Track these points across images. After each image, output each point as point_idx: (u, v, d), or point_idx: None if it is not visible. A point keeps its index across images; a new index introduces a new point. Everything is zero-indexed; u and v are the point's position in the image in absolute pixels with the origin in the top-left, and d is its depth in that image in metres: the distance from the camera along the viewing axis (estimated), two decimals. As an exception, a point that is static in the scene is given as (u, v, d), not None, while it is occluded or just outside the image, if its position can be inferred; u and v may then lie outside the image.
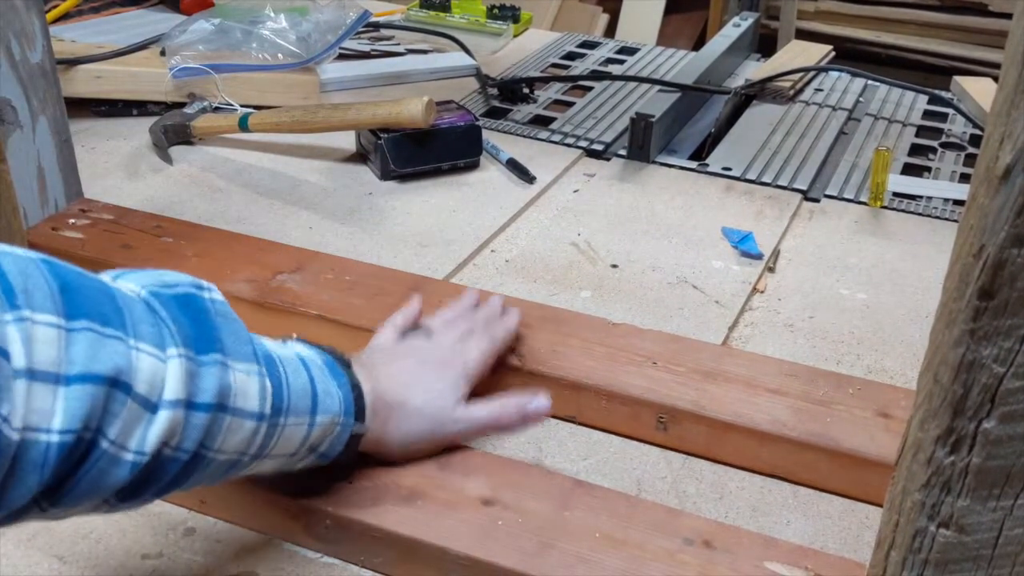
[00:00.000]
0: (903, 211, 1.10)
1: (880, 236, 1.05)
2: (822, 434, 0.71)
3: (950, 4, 2.78)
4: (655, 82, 1.33)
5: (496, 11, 1.63)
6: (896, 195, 1.13)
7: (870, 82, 1.44)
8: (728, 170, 1.17)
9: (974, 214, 0.36)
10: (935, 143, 1.28)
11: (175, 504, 0.69)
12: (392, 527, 0.63)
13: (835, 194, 1.13)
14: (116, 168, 1.14)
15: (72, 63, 1.21)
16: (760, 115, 1.33)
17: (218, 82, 1.24)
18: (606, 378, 0.76)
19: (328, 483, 0.66)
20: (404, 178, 1.13)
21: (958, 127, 1.32)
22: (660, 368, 0.77)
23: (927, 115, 1.35)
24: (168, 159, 1.15)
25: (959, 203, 1.12)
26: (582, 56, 1.54)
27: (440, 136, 1.12)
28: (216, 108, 1.23)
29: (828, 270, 0.98)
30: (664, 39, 2.87)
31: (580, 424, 0.77)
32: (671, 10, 2.96)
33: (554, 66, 1.50)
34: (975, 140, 1.28)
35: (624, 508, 0.65)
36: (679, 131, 1.28)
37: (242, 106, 1.24)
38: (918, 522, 0.42)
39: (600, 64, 1.51)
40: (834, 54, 1.50)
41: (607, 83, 1.41)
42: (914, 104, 1.38)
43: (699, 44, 2.30)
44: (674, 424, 0.74)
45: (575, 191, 1.12)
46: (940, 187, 1.15)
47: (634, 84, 1.40)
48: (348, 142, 1.20)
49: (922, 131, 1.31)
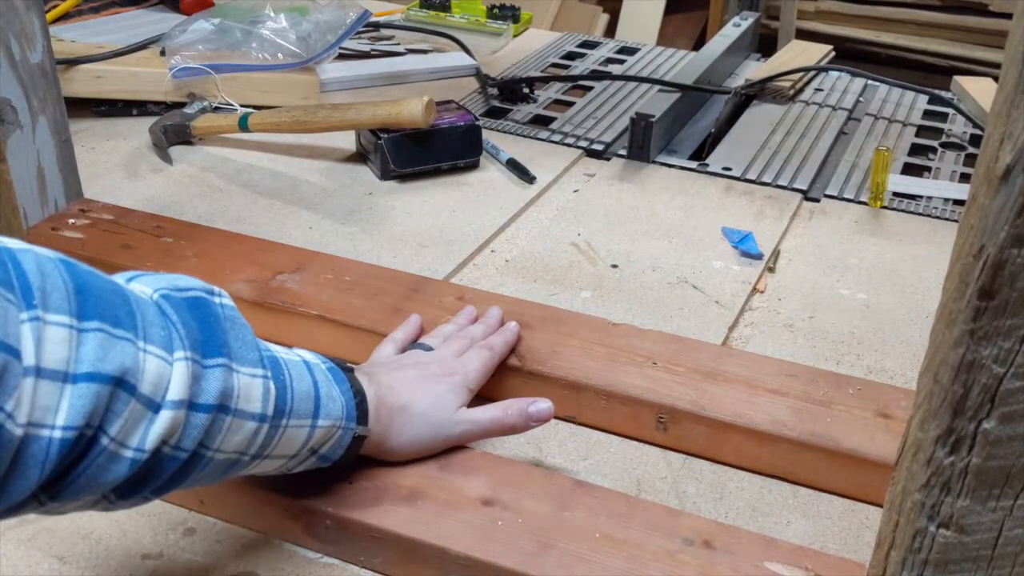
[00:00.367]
0: (903, 211, 1.10)
1: (880, 236, 1.05)
2: (822, 434, 0.71)
3: (950, 4, 2.78)
4: (655, 82, 1.33)
5: (496, 11, 1.63)
6: (896, 195, 1.13)
7: (870, 82, 1.44)
8: (728, 170, 1.17)
9: (974, 214, 0.36)
10: (935, 143, 1.28)
11: (175, 504, 0.69)
12: (392, 527, 0.63)
13: (835, 194, 1.13)
14: (116, 168, 1.14)
15: (72, 63, 1.21)
16: (760, 115, 1.33)
17: (218, 82, 1.24)
18: (606, 378, 0.76)
19: (328, 483, 0.66)
20: (404, 178, 1.13)
21: (958, 127, 1.32)
22: (660, 368, 0.77)
23: (927, 115, 1.35)
24: (168, 159, 1.15)
25: (959, 203, 1.12)
26: (582, 56, 1.54)
27: (440, 136, 1.12)
28: (216, 108, 1.23)
29: (828, 270, 0.98)
30: (664, 39, 2.87)
31: (580, 424, 0.77)
32: (671, 10, 2.96)
33: (554, 66, 1.50)
34: (975, 140, 1.28)
35: (624, 508, 0.65)
36: (679, 131, 1.28)
37: (242, 106, 1.24)
38: (918, 522, 0.42)
39: (600, 64, 1.51)
40: (834, 54, 1.50)
41: (607, 83, 1.41)
42: (914, 104, 1.38)
43: (699, 44, 2.30)
44: (674, 424, 0.74)
45: (575, 191, 1.12)
46: (940, 187, 1.15)
47: (634, 84, 1.40)
48: (348, 142, 1.20)
49: (922, 131, 1.31)
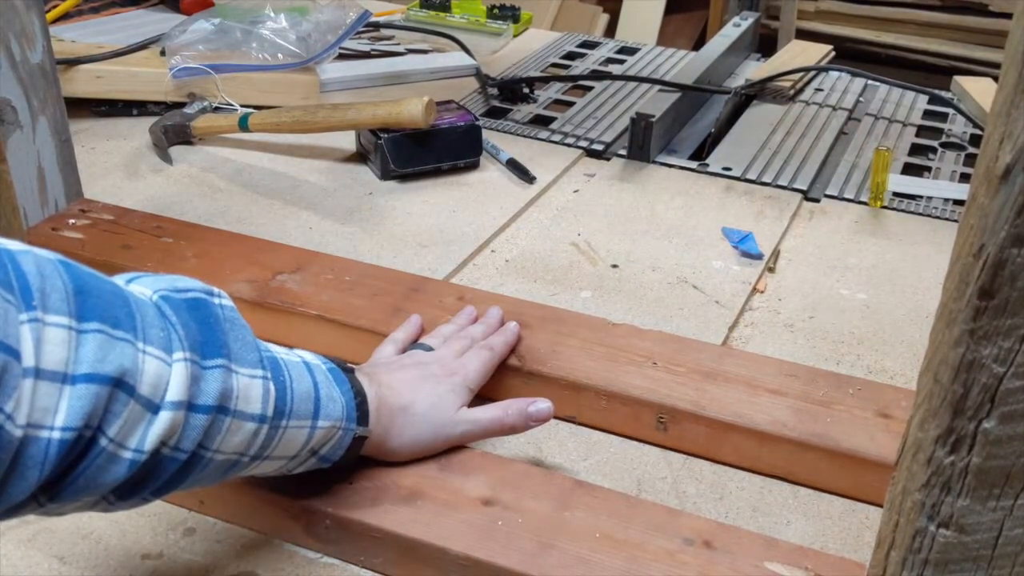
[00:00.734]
0: (903, 211, 1.10)
1: (880, 236, 1.05)
2: (822, 434, 0.71)
3: (950, 4, 2.78)
4: (655, 82, 1.33)
5: (496, 11, 1.63)
6: (896, 195, 1.13)
7: (870, 82, 1.44)
8: (728, 170, 1.17)
9: (974, 214, 0.36)
10: (935, 143, 1.27)
11: (175, 504, 0.69)
12: (392, 527, 0.63)
13: (835, 194, 1.13)
14: (116, 168, 1.14)
15: (72, 63, 1.21)
16: (760, 115, 1.33)
17: (218, 82, 1.24)
18: (606, 378, 0.76)
19: (328, 483, 0.66)
20: (404, 178, 1.13)
21: (958, 127, 1.32)
22: (660, 368, 0.77)
23: (927, 115, 1.35)
24: (168, 159, 1.15)
25: (959, 203, 1.12)
26: (582, 56, 1.54)
27: (440, 136, 1.12)
28: (216, 108, 1.23)
29: (828, 270, 0.98)
30: (664, 39, 2.87)
31: (580, 424, 0.77)
32: (671, 10, 2.96)
33: (554, 66, 1.50)
34: (975, 140, 1.28)
35: (624, 508, 0.65)
36: (679, 131, 1.28)
37: (242, 106, 1.24)
38: (918, 522, 0.42)
39: (600, 64, 1.51)
40: (834, 54, 1.51)
41: (607, 83, 1.41)
42: (914, 104, 1.38)
43: (699, 44, 2.30)
44: (674, 424, 0.74)
45: (575, 191, 1.12)
46: (940, 187, 1.15)
47: (634, 84, 1.40)
48: (348, 142, 1.20)
49: (922, 131, 1.31)
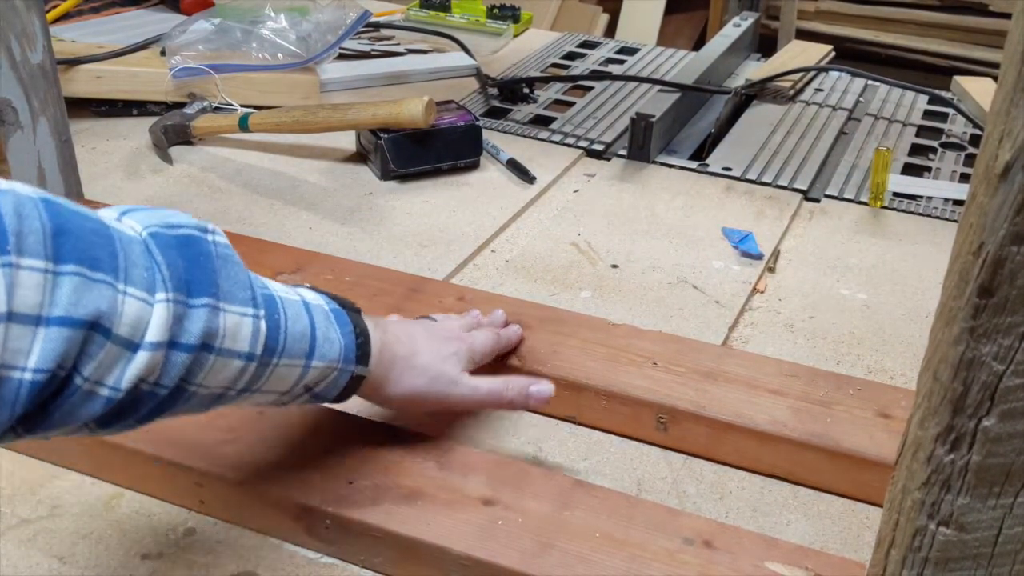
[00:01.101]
0: (903, 211, 1.10)
1: (880, 236, 1.05)
2: (822, 434, 0.71)
3: (950, 4, 2.78)
4: (655, 82, 1.33)
5: (496, 11, 1.63)
6: (896, 195, 1.13)
7: (870, 82, 1.44)
8: (728, 170, 1.17)
9: (974, 212, 0.36)
10: (935, 143, 1.28)
11: (175, 504, 0.69)
12: (392, 527, 0.63)
13: (835, 194, 1.13)
14: (116, 168, 1.14)
15: (72, 63, 1.21)
16: (760, 115, 1.33)
17: (218, 82, 1.24)
18: (606, 378, 0.76)
19: (328, 483, 0.66)
20: (404, 178, 1.13)
21: (958, 127, 1.32)
22: (660, 368, 0.77)
23: (927, 115, 1.35)
24: (168, 159, 1.15)
25: (959, 203, 1.12)
26: (582, 56, 1.54)
27: (440, 136, 1.12)
28: (216, 108, 1.23)
29: (828, 270, 0.98)
30: (664, 39, 2.87)
31: (580, 424, 0.77)
32: (671, 10, 2.96)
33: (554, 66, 1.50)
34: (975, 140, 1.28)
35: (624, 508, 0.65)
36: (679, 131, 1.28)
37: (242, 106, 1.24)
38: (918, 521, 0.42)
39: (600, 64, 1.51)
40: (834, 54, 1.51)
41: (607, 83, 1.41)
42: (914, 104, 1.38)
43: (699, 44, 2.30)
44: (674, 424, 0.74)
45: (575, 191, 1.12)
46: (940, 187, 1.15)
47: (634, 84, 1.40)
48: (348, 142, 1.20)
49: (922, 131, 1.31)
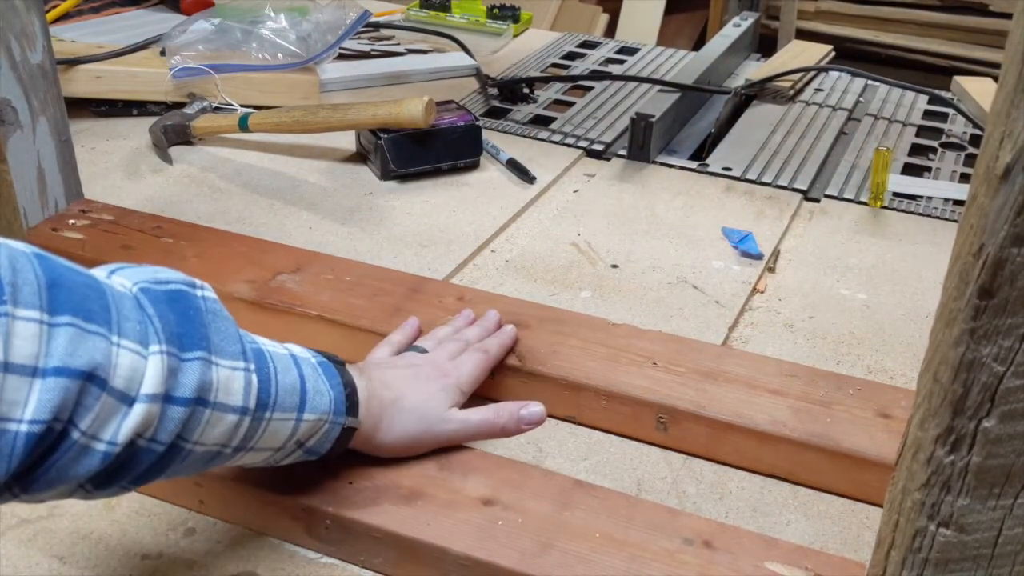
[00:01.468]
0: (903, 211, 1.10)
1: (880, 236, 1.05)
2: (822, 434, 0.71)
3: (950, 4, 2.78)
4: (655, 82, 1.33)
5: (496, 11, 1.63)
6: (896, 195, 1.13)
7: (870, 82, 1.44)
8: (728, 170, 1.17)
9: (974, 213, 0.36)
10: (935, 143, 1.27)
11: (175, 504, 0.69)
12: (392, 527, 0.63)
13: (835, 194, 1.13)
14: (116, 168, 1.14)
15: (72, 63, 1.21)
16: (760, 115, 1.33)
17: (218, 82, 1.24)
18: (606, 378, 0.76)
19: (328, 483, 0.66)
20: (404, 178, 1.13)
21: (958, 127, 1.32)
22: (660, 368, 0.77)
23: (927, 115, 1.35)
24: (168, 159, 1.15)
25: (959, 203, 1.12)
26: (582, 56, 1.54)
27: (440, 136, 1.12)
28: (216, 108, 1.23)
29: (828, 270, 0.98)
30: (664, 39, 2.87)
31: (580, 424, 0.77)
32: (671, 10, 2.95)
33: (554, 66, 1.50)
34: (975, 140, 1.28)
35: (624, 508, 0.65)
36: (679, 131, 1.28)
37: (242, 106, 1.24)
38: (918, 521, 0.42)
39: (600, 64, 1.51)
40: (834, 54, 1.51)
41: (607, 83, 1.41)
42: (914, 104, 1.38)
43: (699, 44, 2.30)
44: (674, 424, 0.74)
45: (575, 191, 1.12)
46: (940, 187, 1.15)
47: (634, 84, 1.40)
48: (348, 142, 1.20)
49: (922, 131, 1.31)
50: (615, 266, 0.97)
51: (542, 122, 1.30)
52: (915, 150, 1.26)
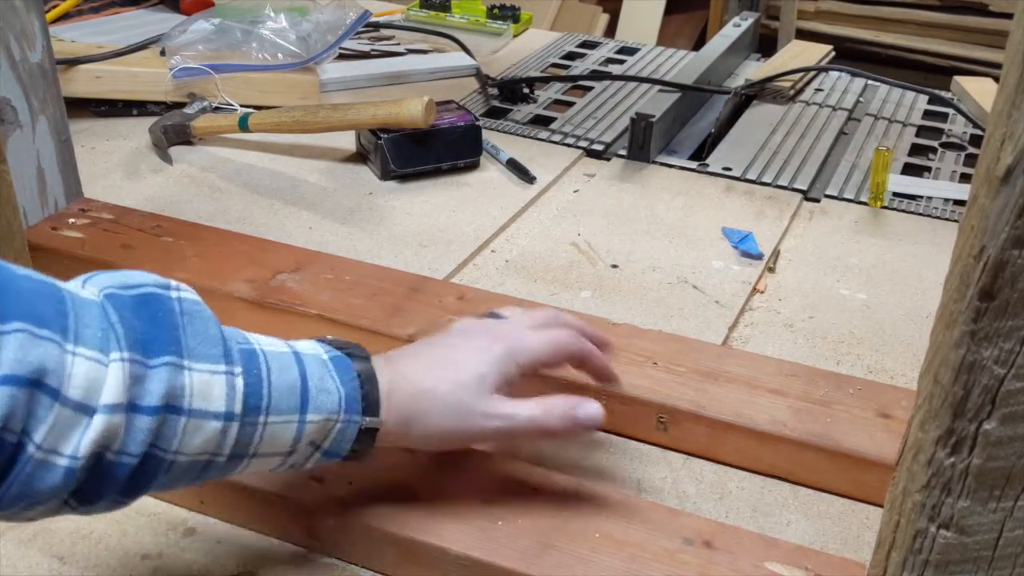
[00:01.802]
0: (903, 211, 1.10)
1: (880, 236, 1.05)
2: (822, 434, 0.71)
3: (950, 4, 2.78)
4: (655, 82, 1.33)
5: (496, 11, 1.63)
6: (896, 195, 1.13)
7: (870, 82, 1.44)
8: (728, 170, 1.17)
9: (975, 215, 0.36)
10: (935, 143, 1.27)
11: (175, 504, 0.69)
12: (392, 527, 0.63)
13: (835, 194, 1.13)
14: (116, 168, 1.14)
15: (72, 63, 1.21)
16: (760, 115, 1.33)
17: (218, 82, 1.24)
18: (606, 378, 0.76)
19: (328, 483, 0.66)
20: (404, 178, 1.13)
21: (958, 127, 1.32)
22: (660, 368, 0.77)
23: (927, 115, 1.35)
24: (168, 159, 1.15)
25: (959, 203, 1.12)
26: (582, 56, 1.54)
27: (440, 136, 1.12)
28: (216, 108, 1.23)
29: (828, 270, 0.98)
30: (664, 39, 2.87)
31: (580, 424, 0.77)
32: (671, 10, 2.96)
33: (554, 66, 1.50)
34: (975, 140, 1.28)
35: (624, 508, 0.65)
36: (679, 131, 1.28)
37: (242, 106, 1.24)
38: (918, 523, 0.42)
39: (600, 64, 1.51)
40: (834, 54, 1.50)
41: (607, 83, 1.41)
42: (914, 104, 1.38)
43: (699, 44, 2.30)
44: (674, 424, 0.74)
45: (575, 191, 1.12)
46: (940, 187, 1.15)
47: (634, 84, 1.40)
48: (348, 142, 1.20)
49: (922, 131, 1.31)
50: (615, 266, 0.97)
51: (542, 122, 1.29)
52: (915, 150, 1.26)
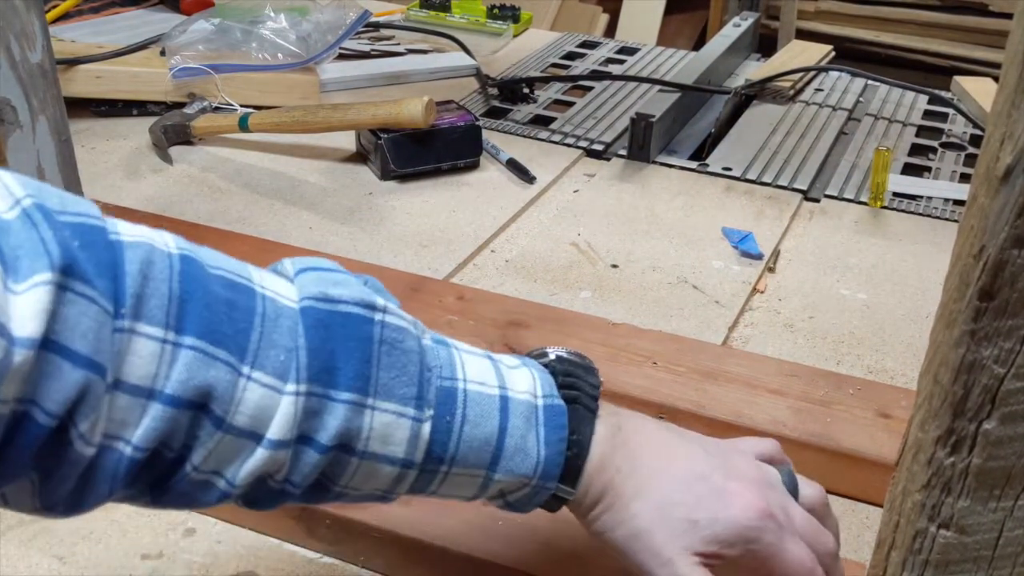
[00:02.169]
0: (903, 211, 1.10)
1: (880, 236, 1.05)
2: (822, 434, 0.71)
3: (950, 4, 2.78)
4: (655, 82, 1.33)
5: (496, 11, 1.63)
6: (896, 195, 1.13)
7: (870, 82, 1.44)
8: (728, 170, 1.17)
9: (974, 215, 0.36)
10: (935, 143, 1.27)
11: (175, 504, 0.69)
12: (392, 527, 0.63)
13: (835, 194, 1.13)
14: (116, 168, 1.14)
15: (72, 63, 1.21)
16: (760, 115, 1.33)
17: (218, 82, 1.24)
18: (606, 378, 0.75)
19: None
20: (404, 178, 1.13)
21: (958, 127, 1.32)
22: (660, 368, 0.77)
23: (927, 115, 1.35)
24: (168, 159, 1.15)
25: (959, 203, 1.12)
26: (582, 56, 1.54)
27: (440, 136, 1.12)
28: (216, 108, 1.23)
29: (828, 270, 0.98)
30: (664, 39, 2.87)
31: (580, 424, 0.77)
32: (671, 10, 2.96)
33: (554, 66, 1.50)
34: (975, 140, 1.28)
35: (624, 508, 0.65)
36: (679, 131, 1.28)
37: (242, 106, 1.24)
38: (918, 523, 0.42)
39: (600, 64, 1.51)
40: (834, 54, 1.50)
41: (607, 83, 1.41)
42: (914, 104, 1.38)
43: (699, 44, 2.30)
44: (674, 424, 0.74)
45: (575, 191, 1.12)
46: (940, 187, 1.15)
47: (634, 84, 1.40)
48: (348, 142, 1.20)
49: (922, 131, 1.31)
50: (615, 266, 0.97)
51: (542, 122, 1.29)
52: (915, 150, 1.26)
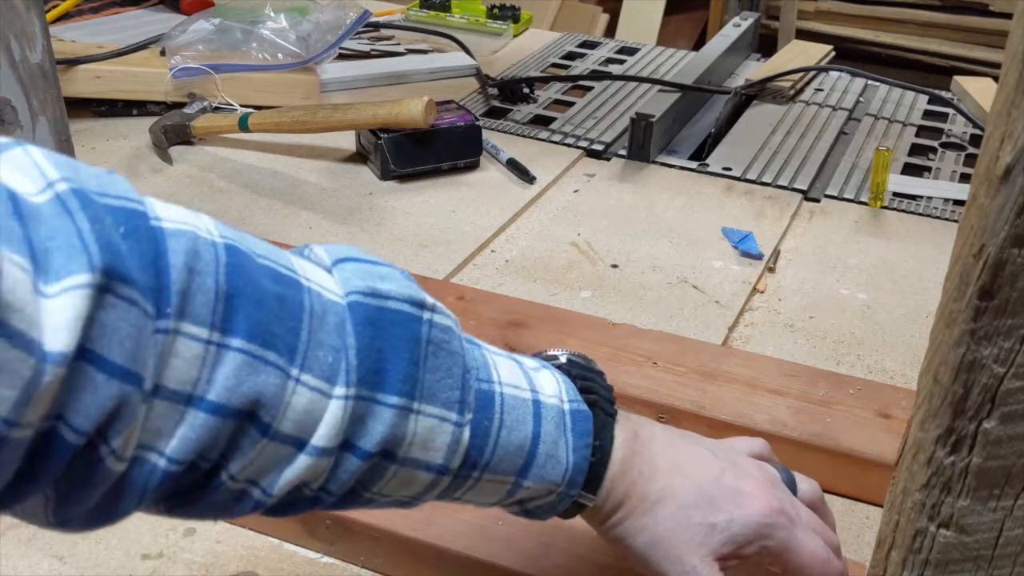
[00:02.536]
0: (903, 211, 1.10)
1: (880, 236, 1.05)
2: (822, 434, 0.71)
3: (950, 4, 2.78)
4: (655, 82, 1.33)
5: (496, 11, 1.63)
6: (896, 195, 1.13)
7: (870, 82, 1.44)
8: (728, 170, 1.17)
9: (974, 214, 0.36)
10: (935, 143, 1.27)
11: (175, 504, 0.69)
12: (392, 527, 0.63)
13: (835, 194, 1.13)
14: (116, 168, 1.13)
15: (72, 63, 1.21)
16: (760, 115, 1.33)
17: (218, 82, 1.24)
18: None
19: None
20: (404, 178, 1.13)
21: (958, 127, 1.32)
22: (660, 368, 0.77)
23: (927, 115, 1.35)
24: (168, 159, 1.15)
25: (959, 203, 1.12)
26: (582, 56, 1.54)
27: (440, 136, 1.12)
28: (216, 108, 1.23)
29: (828, 270, 0.98)
30: (664, 39, 2.87)
31: (580, 424, 0.77)
32: (671, 10, 2.96)
33: (554, 66, 1.50)
34: (975, 140, 1.28)
35: (624, 508, 0.65)
36: (679, 131, 1.28)
37: (242, 106, 1.24)
38: (918, 522, 0.42)
39: (600, 64, 1.51)
40: (834, 54, 1.50)
41: (607, 83, 1.41)
42: (914, 104, 1.38)
43: (699, 44, 2.30)
44: (674, 424, 0.74)
45: (575, 191, 1.12)
46: (940, 187, 1.15)
47: (634, 84, 1.40)
48: (348, 142, 1.20)
49: (922, 131, 1.31)
50: (615, 266, 0.97)
51: (542, 122, 1.29)
52: (915, 150, 1.26)
